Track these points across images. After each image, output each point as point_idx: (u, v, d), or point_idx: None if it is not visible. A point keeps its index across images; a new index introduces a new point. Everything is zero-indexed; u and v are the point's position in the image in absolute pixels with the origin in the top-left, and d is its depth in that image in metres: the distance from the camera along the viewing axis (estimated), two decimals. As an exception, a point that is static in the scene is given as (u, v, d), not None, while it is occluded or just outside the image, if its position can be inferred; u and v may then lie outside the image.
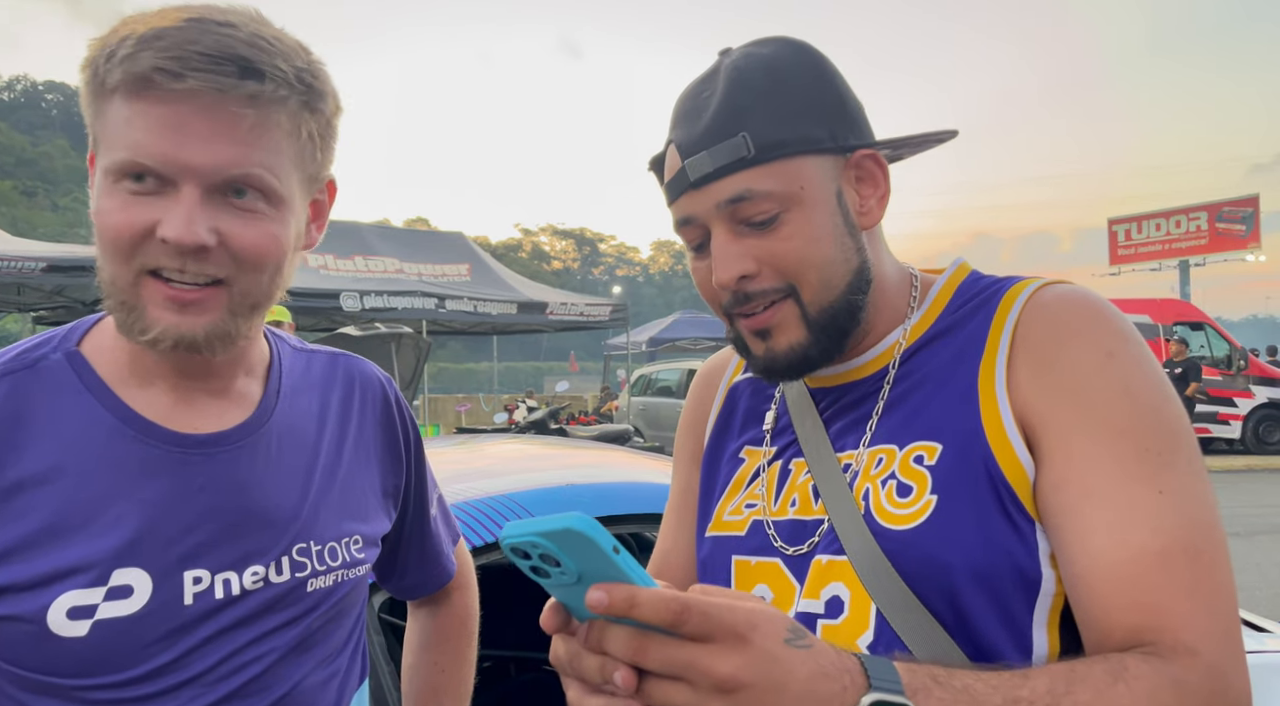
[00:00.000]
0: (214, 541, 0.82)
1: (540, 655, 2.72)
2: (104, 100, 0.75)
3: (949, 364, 0.82)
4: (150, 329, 0.76)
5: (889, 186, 0.84)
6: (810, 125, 0.80)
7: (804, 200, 0.79)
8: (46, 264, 7.43)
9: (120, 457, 0.79)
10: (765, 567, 0.86)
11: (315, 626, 0.89)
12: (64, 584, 0.75)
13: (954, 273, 0.89)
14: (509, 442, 2.93)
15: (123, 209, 0.74)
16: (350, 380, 1.00)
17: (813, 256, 0.80)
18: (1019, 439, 0.75)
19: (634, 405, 15.11)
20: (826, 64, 0.84)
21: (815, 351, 0.83)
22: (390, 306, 10.87)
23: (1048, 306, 0.79)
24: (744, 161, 0.78)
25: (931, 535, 0.75)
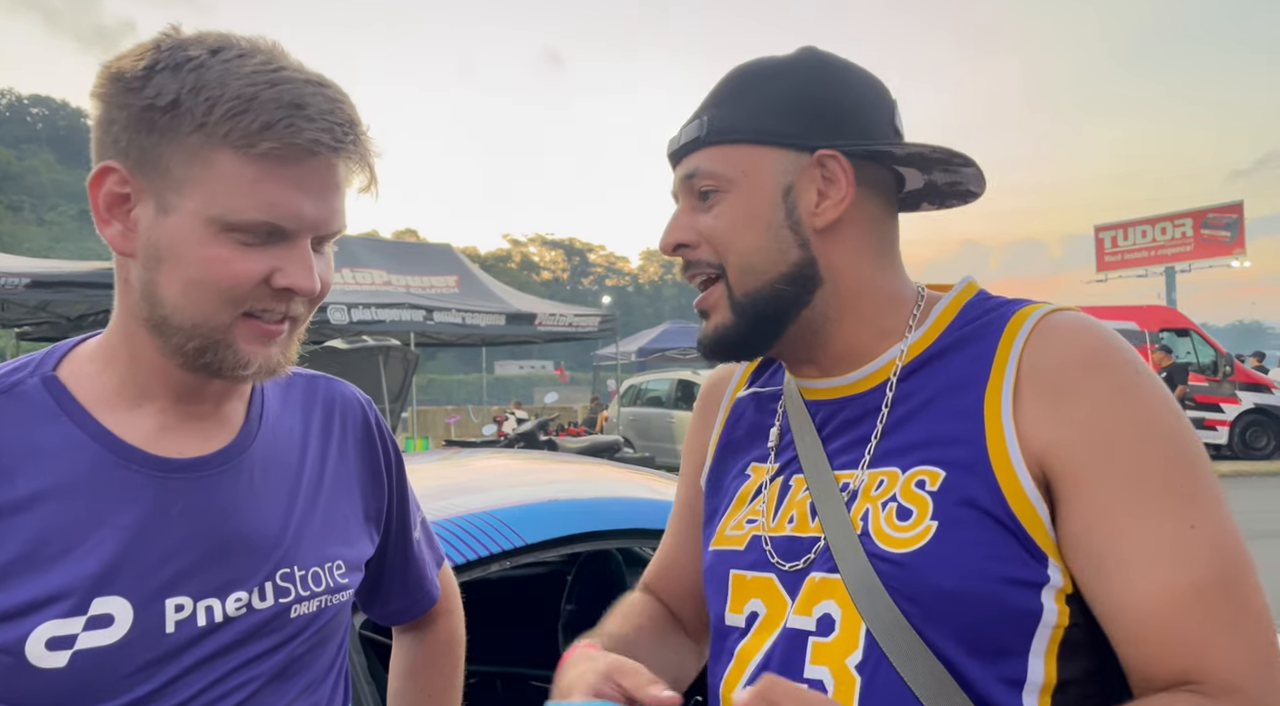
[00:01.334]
0: (196, 567, 0.81)
1: (526, 671, 2.71)
2: (209, 149, 0.75)
3: (953, 387, 0.81)
4: (249, 364, 0.81)
5: (850, 191, 0.84)
6: (772, 120, 0.84)
7: (743, 186, 0.84)
8: (30, 280, 7.37)
9: (99, 483, 0.79)
10: (760, 582, 0.87)
11: (298, 653, 0.88)
12: (42, 613, 0.74)
13: (961, 291, 0.88)
14: (495, 457, 2.92)
15: (240, 259, 0.77)
16: (330, 403, 1.00)
17: (737, 240, 0.85)
18: (1025, 472, 0.75)
19: (624, 415, 15.09)
20: (834, 72, 0.86)
21: (739, 335, 0.87)
22: (378, 319, 10.84)
23: (1055, 335, 0.79)
24: (697, 142, 0.87)
25: (928, 560, 0.75)
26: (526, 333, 13.69)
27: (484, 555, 1.61)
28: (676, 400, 13.92)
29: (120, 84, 0.76)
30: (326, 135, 0.77)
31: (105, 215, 0.79)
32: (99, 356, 0.84)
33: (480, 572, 1.61)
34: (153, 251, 0.77)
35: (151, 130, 0.75)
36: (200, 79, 0.74)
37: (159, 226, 0.77)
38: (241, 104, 0.74)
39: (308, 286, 0.79)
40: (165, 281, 0.77)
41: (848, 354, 0.87)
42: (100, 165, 0.78)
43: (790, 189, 0.84)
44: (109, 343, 0.84)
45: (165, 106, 0.74)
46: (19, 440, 0.78)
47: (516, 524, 1.69)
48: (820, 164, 0.83)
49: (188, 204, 0.76)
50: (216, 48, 0.76)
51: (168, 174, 0.76)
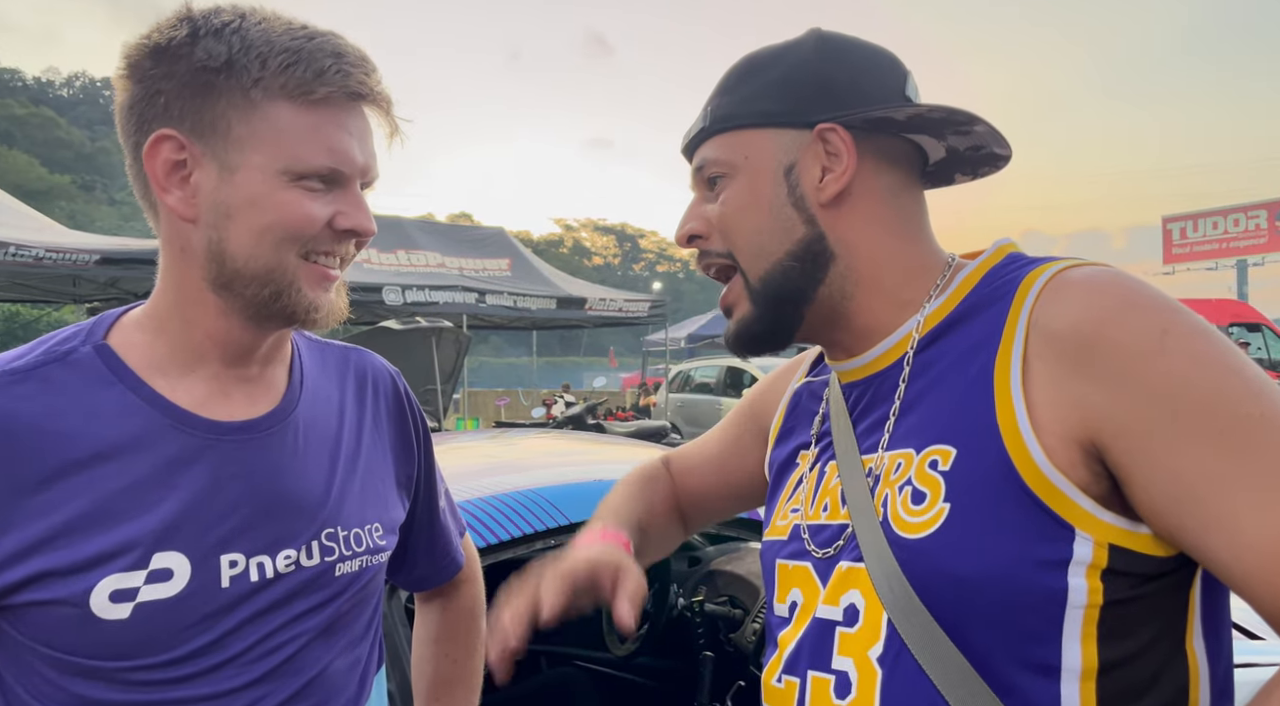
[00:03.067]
0: (248, 525, 0.84)
1: (571, 649, 2.73)
2: (268, 102, 0.79)
3: (964, 357, 0.78)
4: (318, 308, 0.85)
5: (852, 162, 0.82)
6: (770, 102, 0.84)
7: (745, 169, 0.85)
8: (100, 256, 7.62)
9: (157, 445, 0.82)
10: (799, 571, 0.87)
11: (342, 611, 0.92)
12: (106, 567, 0.78)
13: (989, 255, 0.84)
14: (541, 437, 2.94)
15: (309, 202, 0.81)
16: (363, 373, 1.03)
17: (742, 223, 0.85)
18: (1035, 442, 0.70)
19: (672, 401, 15.10)
20: (835, 48, 0.85)
21: (761, 325, 0.86)
22: (432, 300, 10.98)
23: (1069, 291, 0.73)
24: (704, 132, 0.88)
25: (942, 545, 0.73)
26: (576, 317, 13.74)
27: (529, 532, 1.63)
28: (725, 386, 13.88)
29: (163, 55, 0.78)
30: (367, 78, 0.83)
31: (164, 183, 0.81)
32: (148, 325, 0.87)
33: (525, 549, 1.63)
34: (221, 210, 0.80)
35: (208, 92, 0.78)
36: (246, 39, 0.78)
37: (227, 186, 0.80)
38: (292, 56, 0.78)
39: (367, 226, 0.85)
40: (235, 236, 0.80)
41: (868, 330, 0.85)
42: (155, 133, 0.79)
43: (792, 167, 0.84)
44: (157, 312, 0.87)
45: (219, 67, 0.77)
46: (77, 405, 0.80)
47: (560, 502, 1.70)
48: (821, 138, 0.83)
49: (254, 159, 0.79)
50: (242, 13, 0.80)
51: (228, 133, 0.79)
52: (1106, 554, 0.69)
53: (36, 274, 7.75)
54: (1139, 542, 0.70)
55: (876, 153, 0.84)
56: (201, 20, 0.79)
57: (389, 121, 0.87)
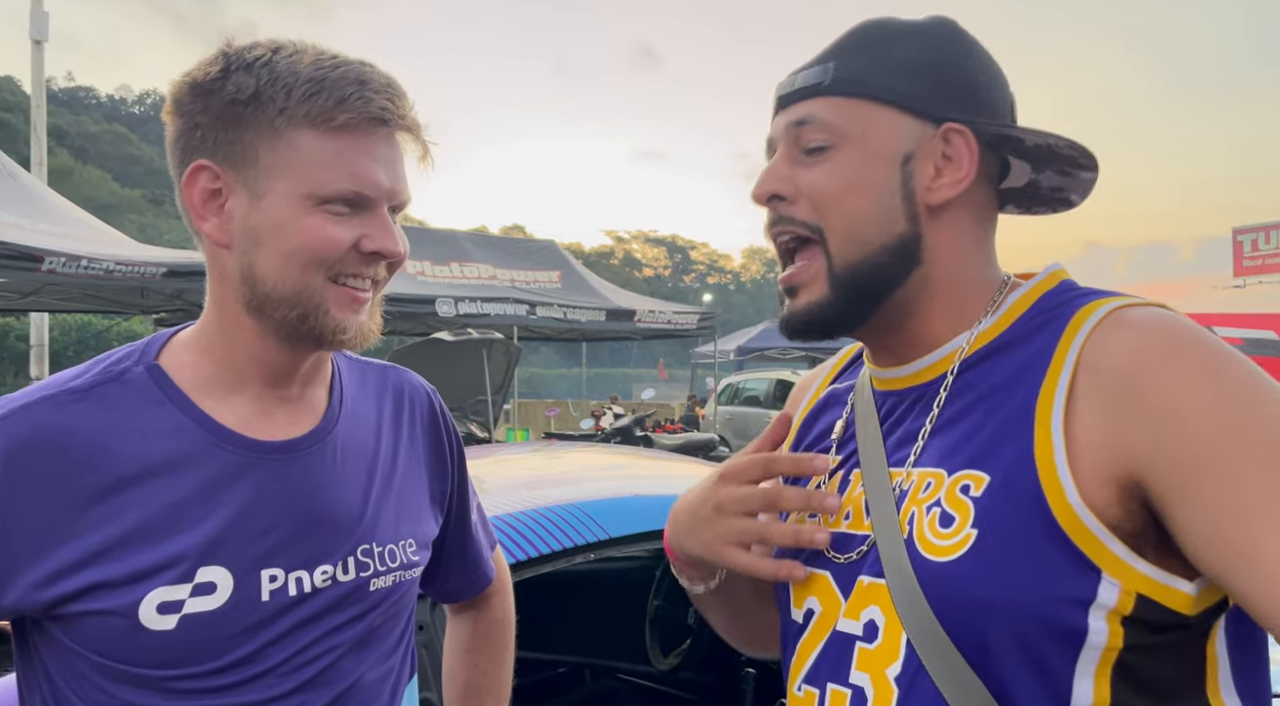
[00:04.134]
0: (288, 542, 0.87)
1: (614, 663, 2.75)
2: (292, 131, 0.82)
3: (1008, 384, 0.76)
4: (346, 329, 0.86)
5: (971, 171, 0.79)
6: (904, 81, 0.79)
7: (859, 145, 0.79)
8: (167, 269, 7.87)
9: (203, 462, 0.85)
10: (817, 579, 0.86)
11: (376, 624, 0.94)
12: (154, 580, 0.81)
13: (1041, 280, 0.82)
14: (585, 451, 2.97)
15: (333, 227, 0.84)
16: (400, 391, 1.06)
17: (844, 202, 0.79)
18: (1070, 482, 0.69)
19: (720, 414, 15.04)
20: (969, 46, 0.82)
21: (834, 311, 0.81)
22: (483, 312, 11.12)
23: (1126, 328, 0.72)
24: (819, 88, 0.81)
25: (967, 570, 0.72)
26: (626, 329, 13.79)
27: (568, 546, 1.65)
28: (775, 400, 13.80)
29: (200, 90, 0.83)
30: (390, 104, 0.84)
31: (201, 211, 0.85)
32: (195, 346, 0.90)
33: (564, 563, 1.65)
34: (251, 236, 0.83)
35: (238, 123, 0.82)
36: (273, 71, 0.81)
37: (255, 212, 0.83)
38: (315, 85, 0.81)
39: (393, 248, 0.86)
40: (264, 260, 0.83)
41: (920, 340, 0.83)
42: (192, 165, 0.84)
43: (910, 157, 0.79)
44: (204, 333, 0.90)
45: (247, 99, 0.81)
46: (130, 423, 0.84)
47: (600, 516, 1.72)
48: (945, 139, 0.79)
49: (280, 185, 0.82)
50: (275, 48, 0.84)
51: (256, 162, 0.82)
52: (1133, 602, 0.68)
53: (107, 286, 8.04)
54: (1170, 597, 0.69)
55: (986, 167, 0.81)
56: (235, 56, 0.83)
57: (419, 145, 0.89)
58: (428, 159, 0.90)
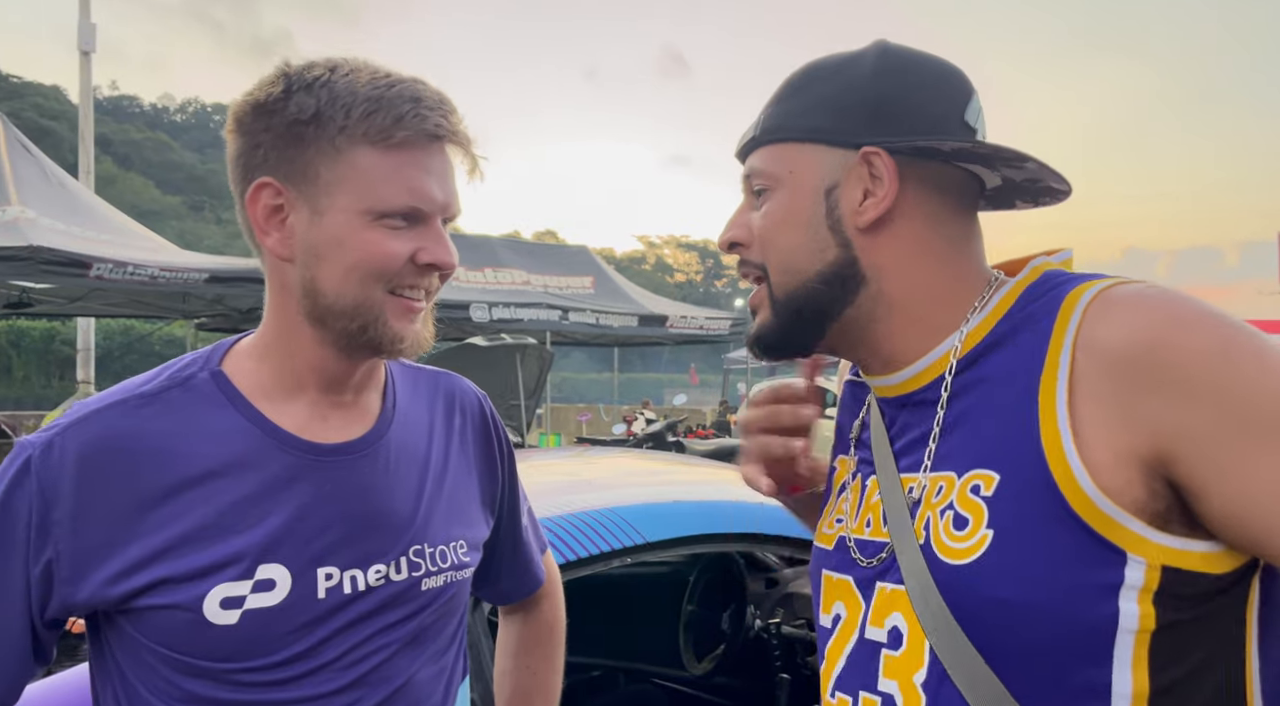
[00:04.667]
0: (343, 541, 0.90)
1: (649, 667, 2.76)
2: (351, 149, 0.85)
3: (1006, 379, 0.76)
4: (404, 338, 0.90)
5: (892, 189, 0.80)
6: (820, 117, 0.83)
7: (788, 184, 0.84)
8: (209, 275, 8.04)
9: (264, 464, 0.88)
10: (841, 584, 0.88)
11: (428, 622, 0.97)
12: (217, 576, 0.84)
13: (1025, 275, 0.82)
14: (621, 456, 2.99)
15: (391, 241, 0.87)
16: (451, 397, 1.09)
17: (777, 238, 0.85)
18: (1081, 468, 0.69)
19: (753, 420, 14.94)
20: (895, 66, 0.82)
21: (778, 334, 0.87)
22: (517, 317, 11.21)
23: (1119, 306, 0.72)
24: (754, 141, 0.87)
25: (986, 572, 0.72)
26: (658, 334, 13.81)
27: (605, 550, 1.67)
28: (807, 406, 13.68)
29: (263, 110, 0.86)
30: (444, 120, 0.87)
31: (264, 226, 0.88)
32: (255, 353, 0.94)
33: (602, 567, 1.67)
34: (312, 250, 0.86)
35: (299, 142, 0.85)
36: (332, 91, 0.84)
37: (316, 227, 0.86)
38: (373, 104, 0.84)
39: (447, 260, 0.89)
40: (325, 274, 0.86)
41: (894, 355, 0.84)
42: (255, 182, 0.87)
43: (834, 187, 0.82)
44: (264, 341, 0.94)
45: (308, 119, 0.84)
46: (195, 426, 0.88)
47: (638, 522, 1.74)
48: (866, 161, 0.81)
49: (339, 201, 0.85)
50: (333, 67, 0.87)
51: (317, 179, 0.85)
52: (1159, 576, 0.68)
53: (151, 291, 8.23)
54: (1192, 560, 0.69)
55: (922, 179, 0.82)
56: (295, 76, 0.86)
57: (469, 159, 0.92)
58: (477, 172, 0.93)
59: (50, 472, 0.82)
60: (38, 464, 0.83)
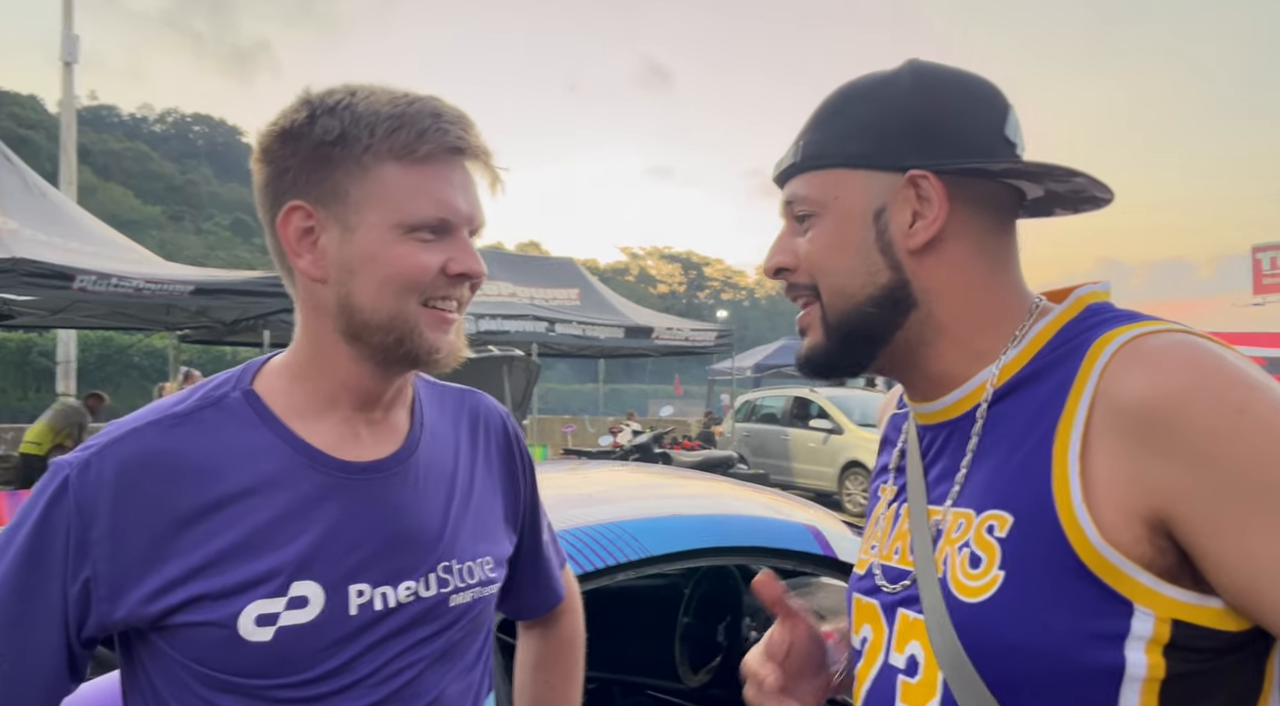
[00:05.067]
0: (373, 558, 0.91)
1: (644, 680, 2.77)
2: (378, 166, 0.87)
3: (1029, 420, 0.76)
4: (438, 350, 0.92)
5: (942, 211, 0.81)
6: (861, 142, 0.83)
7: (834, 209, 0.84)
8: (194, 287, 7.98)
9: (296, 482, 0.90)
10: (868, 608, 0.89)
11: (456, 639, 0.98)
12: (252, 593, 0.86)
13: (1067, 307, 0.81)
14: (621, 471, 3.01)
15: (422, 253, 0.89)
16: (476, 414, 1.10)
17: (828, 263, 0.85)
18: (1088, 520, 0.69)
19: (738, 431, 15.04)
20: (932, 85, 0.83)
21: (830, 356, 0.87)
22: (503, 329, 11.22)
23: (1144, 359, 0.70)
24: (794, 168, 0.87)
25: (996, 612, 0.72)
26: (644, 346, 13.85)
27: (611, 564, 1.69)
28: (792, 417, 13.77)
29: (289, 136, 0.88)
30: (465, 134, 0.90)
31: (296, 248, 0.90)
32: (287, 373, 0.95)
33: (607, 580, 1.69)
34: (346, 267, 0.88)
35: (327, 163, 0.87)
36: (355, 112, 0.87)
37: (348, 245, 0.88)
38: (396, 121, 0.87)
39: (477, 268, 0.91)
40: (360, 290, 0.88)
41: (941, 377, 0.85)
42: (286, 206, 0.89)
43: (882, 211, 0.82)
44: (296, 361, 0.95)
45: (334, 140, 0.87)
46: (228, 445, 0.89)
47: (642, 535, 1.75)
48: (913, 184, 0.81)
49: (370, 217, 0.87)
50: (352, 91, 0.89)
51: (346, 197, 0.87)
52: (1169, 629, 0.68)
53: (135, 303, 8.18)
54: (1205, 616, 0.68)
55: (970, 198, 0.82)
56: (318, 102, 0.88)
57: (489, 172, 0.94)
58: (499, 184, 0.95)
59: (88, 492, 0.84)
60: (75, 483, 0.84)
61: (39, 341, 23.51)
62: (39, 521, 0.84)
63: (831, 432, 12.71)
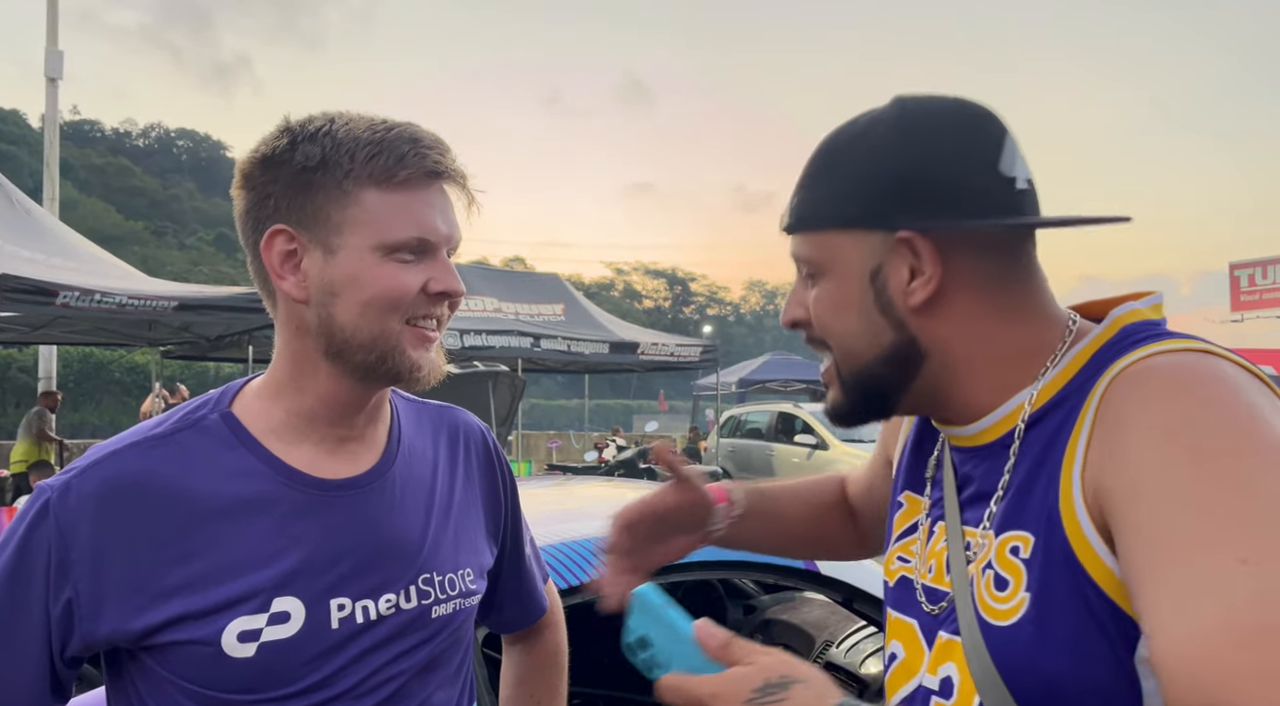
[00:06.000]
0: (354, 572, 0.93)
1: (628, 695, 2.78)
2: (358, 190, 0.90)
3: (1048, 444, 0.76)
4: (420, 367, 0.94)
5: (937, 270, 0.79)
6: (848, 204, 0.81)
7: (831, 271, 0.83)
8: (178, 303, 7.95)
9: (274, 502, 0.91)
10: (903, 626, 0.89)
11: (438, 651, 1.00)
12: (235, 610, 0.87)
13: (1102, 330, 0.79)
14: (602, 486, 3.02)
15: (402, 273, 0.91)
16: (455, 429, 1.13)
17: (832, 325, 0.85)
18: (1092, 529, 0.69)
19: (722, 446, 15.06)
20: (916, 130, 0.79)
21: (851, 410, 0.87)
22: (488, 345, 11.21)
23: (1139, 374, 0.71)
24: (790, 227, 0.87)
25: (1024, 635, 0.72)
26: (629, 361, 13.86)
27: (596, 578, 1.70)
28: (777, 432, 13.81)
29: (270, 162, 0.91)
30: (442, 159, 0.92)
31: (279, 271, 0.92)
32: (265, 394, 0.97)
33: (592, 596, 1.71)
34: (328, 289, 0.91)
35: (308, 188, 0.90)
36: (335, 139, 0.89)
37: (330, 267, 0.90)
38: (375, 147, 0.89)
39: (456, 287, 0.94)
40: (342, 310, 0.90)
41: (971, 409, 0.84)
42: (269, 231, 0.91)
43: (878, 271, 0.80)
44: (275, 380, 0.97)
45: (315, 165, 0.89)
46: (207, 466, 0.91)
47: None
48: (905, 243, 0.79)
49: (351, 240, 0.89)
50: (330, 118, 0.92)
51: (328, 221, 0.90)
52: None
53: (118, 319, 8.13)
54: None
55: (970, 246, 0.79)
56: (299, 129, 0.91)
57: (465, 194, 0.97)
58: (474, 205, 0.98)
59: (68, 514, 0.85)
60: (56, 505, 0.85)
61: (18, 357, 23.27)
62: (20, 543, 0.85)
63: (816, 448, 12.75)
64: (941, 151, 0.79)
